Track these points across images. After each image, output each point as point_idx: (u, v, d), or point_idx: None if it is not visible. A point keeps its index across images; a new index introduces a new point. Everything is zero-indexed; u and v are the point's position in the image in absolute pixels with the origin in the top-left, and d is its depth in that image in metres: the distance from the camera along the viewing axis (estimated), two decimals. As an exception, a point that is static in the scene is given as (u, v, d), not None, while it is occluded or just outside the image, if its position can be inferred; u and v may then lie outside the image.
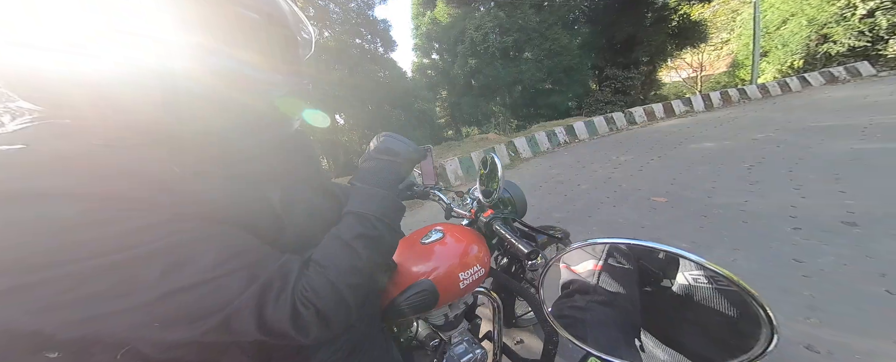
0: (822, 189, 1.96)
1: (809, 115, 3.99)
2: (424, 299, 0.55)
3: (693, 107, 6.34)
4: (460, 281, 0.59)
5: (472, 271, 0.60)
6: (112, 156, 0.24)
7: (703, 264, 0.30)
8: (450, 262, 0.59)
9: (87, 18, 0.24)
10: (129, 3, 0.25)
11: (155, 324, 0.24)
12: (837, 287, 1.15)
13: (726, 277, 0.29)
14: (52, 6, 0.23)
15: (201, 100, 0.28)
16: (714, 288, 0.33)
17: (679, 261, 0.35)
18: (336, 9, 9.16)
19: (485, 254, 0.65)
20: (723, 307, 0.32)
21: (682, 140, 4.10)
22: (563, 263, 0.42)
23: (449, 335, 0.67)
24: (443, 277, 0.57)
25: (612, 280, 0.37)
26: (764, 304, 0.27)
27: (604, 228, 2.05)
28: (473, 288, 0.63)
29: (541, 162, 4.61)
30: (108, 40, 0.24)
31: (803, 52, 8.70)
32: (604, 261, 0.38)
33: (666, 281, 0.38)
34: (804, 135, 3.16)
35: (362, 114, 9.36)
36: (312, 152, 0.46)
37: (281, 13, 0.34)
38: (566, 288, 0.41)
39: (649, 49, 9.66)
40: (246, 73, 0.31)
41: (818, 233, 1.51)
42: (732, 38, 12.49)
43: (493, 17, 9.08)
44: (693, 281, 0.35)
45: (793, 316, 1.05)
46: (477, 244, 0.65)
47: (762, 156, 2.81)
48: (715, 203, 2.05)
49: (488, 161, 0.68)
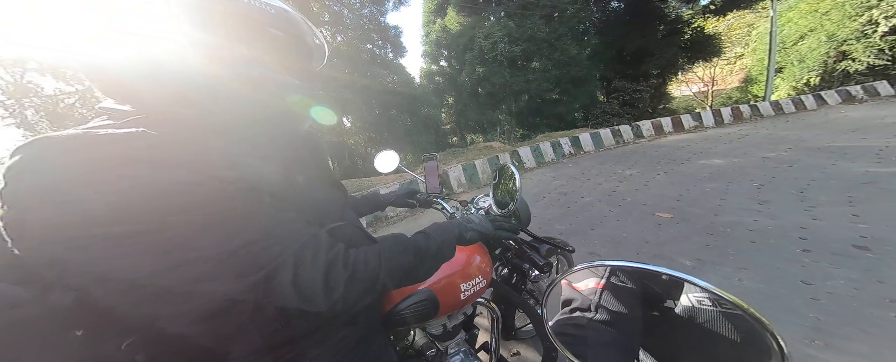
0: (834, 211, 1.91)
1: (824, 135, 3.90)
2: (424, 309, 0.55)
3: (703, 123, 6.25)
4: (462, 292, 0.58)
5: (474, 282, 0.60)
6: (193, 143, 0.30)
7: (710, 289, 0.29)
8: (452, 273, 0.58)
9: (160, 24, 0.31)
10: (184, 17, 0.33)
11: (215, 276, 0.28)
12: (845, 310, 1.12)
13: (734, 303, 0.29)
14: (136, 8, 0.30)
15: (237, 99, 0.36)
16: (719, 311, 0.32)
17: (683, 284, 0.35)
18: (349, 14, 9.48)
19: (487, 266, 0.64)
20: (728, 332, 0.32)
21: (691, 155, 4.04)
22: (565, 280, 0.42)
23: (446, 345, 0.66)
24: (444, 288, 0.57)
25: (614, 299, 0.37)
26: (774, 332, 0.27)
27: (606, 242, 2.03)
28: (474, 299, 0.62)
29: (544, 172, 4.60)
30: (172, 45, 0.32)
31: (820, 68, 8.51)
32: (606, 279, 0.38)
33: (669, 302, 0.37)
34: (818, 156, 3.09)
35: (369, 117, 9.52)
36: (323, 150, 0.50)
37: (300, 31, 0.42)
38: (567, 304, 0.40)
39: (660, 62, 9.61)
40: (269, 77, 0.38)
41: (828, 255, 1.48)
42: (747, 53, 12.24)
43: (503, 26, 9.24)
44: (697, 303, 0.34)
45: (797, 337, 1.03)
46: (480, 255, 0.64)
47: (773, 175, 2.75)
48: (722, 221, 2.02)
49: (507, 172, 0.66)
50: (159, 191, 0.26)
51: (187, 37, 0.33)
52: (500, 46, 9.11)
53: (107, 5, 0.30)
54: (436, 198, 0.81)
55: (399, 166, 0.92)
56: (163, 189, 0.26)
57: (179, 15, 0.33)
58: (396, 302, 0.56)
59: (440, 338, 0.66)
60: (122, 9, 0.31)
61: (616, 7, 10.40)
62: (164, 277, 0.27)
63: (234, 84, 0.35)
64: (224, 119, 0.34)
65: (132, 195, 0.25)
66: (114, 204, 0.25)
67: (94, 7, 0.30)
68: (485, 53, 9.18)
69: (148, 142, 0.27)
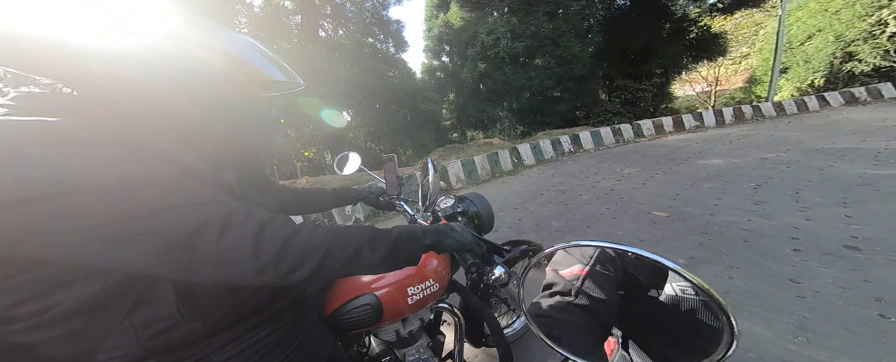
0: (828, 212, 1.92)
1: (824, 137, 3.89)
2: (365, 314, 0.52)
3: (704, 123, 6.23)
4: (409, 297, 0.54)
5: (424, 286, 0.56)
6: (129, 133, 0.31)
7: (676, 269, 0.31)
8: (399, 276, 0.55)
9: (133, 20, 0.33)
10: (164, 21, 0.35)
11: (129, 238, 0.27)
12: (831, 309, 1.14)
13: (697, 285, 0.31)
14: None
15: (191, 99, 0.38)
16: (699, 299, 0.34)
17: (668, 274, 0.36)
18: (351, 8, 9.37)
19: (444, 269, 0.61)
20: (703, 316, 0.34)
21: (690, 155, 4.04)
22: (551, 266, 0.43)
23: (404, 352, 0.62)
24: (389, 292, 0.54)
25: (595, 286, 0.38)
26: (728, 311, 0.29)
27: (601, 240, 2.05)
28: (425, 304, 0.58)
29: (543, 170, 4.60)
30: (132, 35, 0.33)
31: (826, 69, 8.40)
32: (591, 267, 0.39)
33: (653, 292, 0.39)
34: (816, 157, 3.09)
35: (370, 112, 9.47)
36: (261, 157, 0.51)
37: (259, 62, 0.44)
38: (548, 288, 0.41)
39: (664, 61, 9.51)
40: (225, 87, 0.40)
41: (818, 255, 1.50)
42: (753, 53, 12.09)
43: (506, 22, 9.12)
44: (681, 292, 0.36)
45: (782, 334, 1.05)
46: (437, 259, 0.61)
47: (770, 176, 2.76)
48: (717, 221, 2.03)
49: (427, 166, 0.64)
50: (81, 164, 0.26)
51: (159, 37, 0.34)
52: (503, 42, 9.01)
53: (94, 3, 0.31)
54: (397, 201, 0.79)
55: (361, 167, 0.89)
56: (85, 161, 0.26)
57: (159, 15, 0.34)
58: (337, 306, 0.53)
59: (397, 345, 0.62)
60: (102, 4, 0.31)
61: (622, 4, 10.25)
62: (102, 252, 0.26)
63: (191, 86, 0.37)
64: (168, 111, 0.36)
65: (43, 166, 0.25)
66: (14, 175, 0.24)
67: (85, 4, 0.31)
68: (487, 49, 9.08)
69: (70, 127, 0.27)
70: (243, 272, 0.30)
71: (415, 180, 3.64)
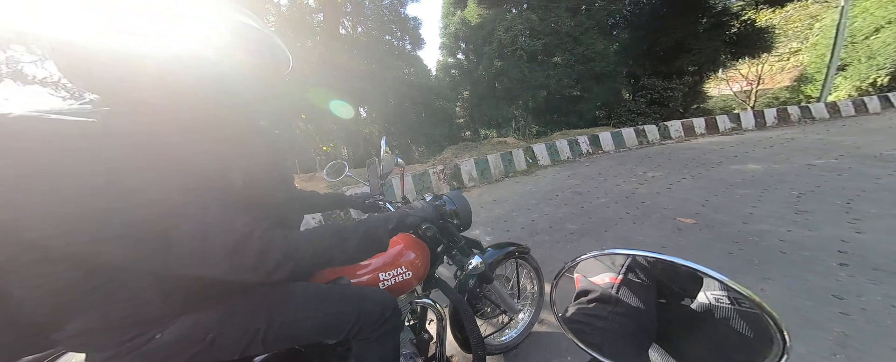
0: (882, 225, 1.71)
1: (885, 142, 3.46)
2: None
3: (741, 125, 5.74)
4: (380, 282, 0.57)
5: (396, 272, 0.59)
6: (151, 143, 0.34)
7: (721, 280, 0.30)
8: (370, 262, 0.58)
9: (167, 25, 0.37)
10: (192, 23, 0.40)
11: (126, 233, 0.31)
12: (877, 328, 1.03)
13: (745, 295, 0.29)
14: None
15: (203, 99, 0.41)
16: (734, 309, 0.32)
17: (702, 281, 0.35)
18: (370, 5, 9.53)
19: (420, 261, 0.63)
20: (738, 326, 0.32)
21: (723, 159, 3.75)
22: (578, 273, 0.42)
23: None
24: (363, 277, 0.56)
25: (631, 293, 0.37)
26: (781, 326, 0.28)
27: (619, 245, 1.96)
28: (399, 291, 0.60)
29: (559, 170, 4.47)
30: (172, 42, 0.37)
31: (893, 66, 7.39)
32: (623, 275, 0.38)
33: (686, 300, 0.38)
34: (873, 165, 2.75)
35: (384, 107, 9.64)
36: (276, 152, 0.53)
37: (271, 45, 0.49)
38: (583, 295, 0.41)
39: (698, 58, 8.79)
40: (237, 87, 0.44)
41: (868, 271, 1.35)
42: (804, 49, 10.82)
43: (525, 19, 8.89)
44: (715, 300, 0.34)
45: (816, 350, 0.97)
46: (414, 251, 0.63)
47: (818, 184, 2.50)
48: (751, 229, 1.88)
49: (381, 145, 0.69)
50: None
51: (181, 39, 0.37)
52: (521, 40, 8.81)
53: (108, 5, 0.34)
54: (380, 202, 0.83)
55: (347, 174, 0.98)
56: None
57: (180, 18, 0.37)
58: None
59: None
60: (121, 8, 0.34)
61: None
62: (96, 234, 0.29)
63: (209, 86, 0.40)
64: (187, 114, 0.38)
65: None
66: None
67: (96, 6, 0.34)
68: (504, 47, 8.92)
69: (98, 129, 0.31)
70: (220, 273, 0.34)
71: (402, 179, 3.69)
